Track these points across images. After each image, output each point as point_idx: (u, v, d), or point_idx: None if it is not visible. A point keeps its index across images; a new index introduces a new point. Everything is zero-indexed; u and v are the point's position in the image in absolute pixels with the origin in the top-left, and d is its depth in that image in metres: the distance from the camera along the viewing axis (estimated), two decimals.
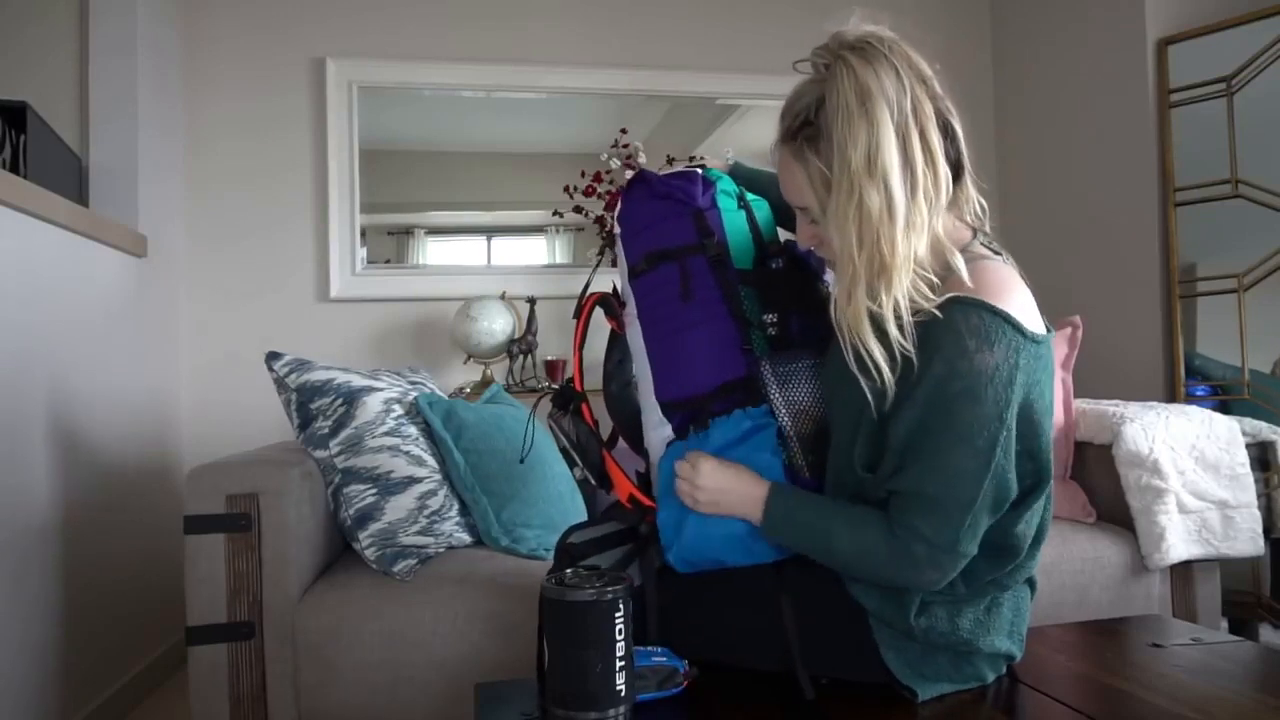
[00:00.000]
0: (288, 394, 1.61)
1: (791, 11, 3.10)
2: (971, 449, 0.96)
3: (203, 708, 1.40)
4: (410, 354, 2.85)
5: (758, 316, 1.15)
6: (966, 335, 0.96)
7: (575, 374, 1.27)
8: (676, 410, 1.17)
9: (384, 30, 2.86)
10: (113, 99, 2.34)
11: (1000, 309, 0.97)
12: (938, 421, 0.97)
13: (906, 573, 1.00)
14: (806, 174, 1.02)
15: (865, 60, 0.98)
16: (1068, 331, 1.99)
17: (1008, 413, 0.97)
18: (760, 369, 1.12)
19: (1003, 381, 0.96)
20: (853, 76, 0.97)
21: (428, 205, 2.93)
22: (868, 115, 0.96)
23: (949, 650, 1.07)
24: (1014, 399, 0.97)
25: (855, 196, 0.96)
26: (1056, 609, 1.67)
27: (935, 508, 0.97)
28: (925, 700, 1.06)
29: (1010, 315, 0.97)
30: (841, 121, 0.96)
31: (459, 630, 1.44)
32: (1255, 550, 1.79)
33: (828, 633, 1.10)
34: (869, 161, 0.96)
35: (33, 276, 1.74)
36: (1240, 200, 2.43)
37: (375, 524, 1.54)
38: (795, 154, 1.04)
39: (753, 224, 1.22)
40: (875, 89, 0.96)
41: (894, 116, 0.96)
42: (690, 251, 1.16)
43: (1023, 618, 1.12)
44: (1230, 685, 1.09)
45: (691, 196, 1.19)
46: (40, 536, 1.71)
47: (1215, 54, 2.49)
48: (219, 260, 2.74)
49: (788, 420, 1.11)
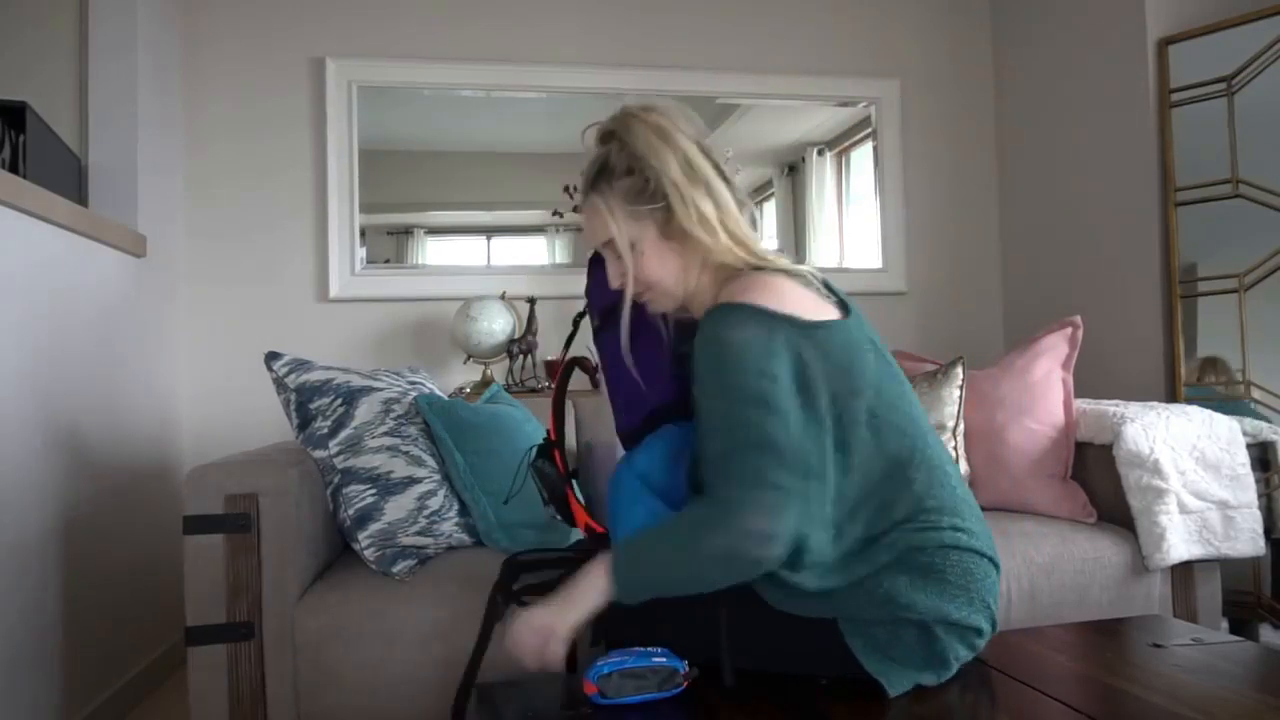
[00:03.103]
0: (287, 394, 1.61)
1: (792, 12, 3.10)
2: (740, 403, 1.05)
3: (202, 708, 1.40)
4: (410, 354, 2.84)
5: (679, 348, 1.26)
6: (719, 325, 1.08)
7: (551, 427, 1.44)
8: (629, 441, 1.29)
9: (384, 30, 2.86)
10: (112, 99, 2.34)
11: (749, 303, 1.08)
12: (702, 394, 1.09)
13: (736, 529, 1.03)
14: (609, 209, 1.18)
15: (651, 113, 1.18)
16: (1068, 331, 1.99)
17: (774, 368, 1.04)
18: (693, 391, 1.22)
19: (759, 349, 1.05)
20: (646, 124, 1.16)
21: (428, 205, 2.93)
22: (670, 143, 1.15)
23: (908, 626, 1.07)
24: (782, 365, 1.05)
25: (690, 204, 1.14)
26: (1056, 609, 1.67)
27: (727, 464, 1.05)
28: (919, 699, 1.06)
29: (759, 305, 1.08)
30: (651, 154, 1.14)
31: (459, 630, 1.43)
32: (1255, 550, 1.79)
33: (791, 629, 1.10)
34: (685, 172, 1.14)
35: (32, 276, 1.74)
36: (1240, 200, 2.43)
37: (375, 524, 1.54)
38: (598, 195, 1.20)
39: None
40: (669, 126, 1.16)
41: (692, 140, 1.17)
42: None
43: (981, 587, 1.10)
44: (1230, 685, 1.09)
45: None
46: (40, 537, 1.71)
47: (1215, 54, 2.49)
48: (219, 260, 2.74)
49: None
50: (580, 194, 1.23)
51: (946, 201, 3.23)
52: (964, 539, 1.10)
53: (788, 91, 3.07)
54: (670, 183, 1.13)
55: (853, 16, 3.16)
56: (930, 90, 3.24)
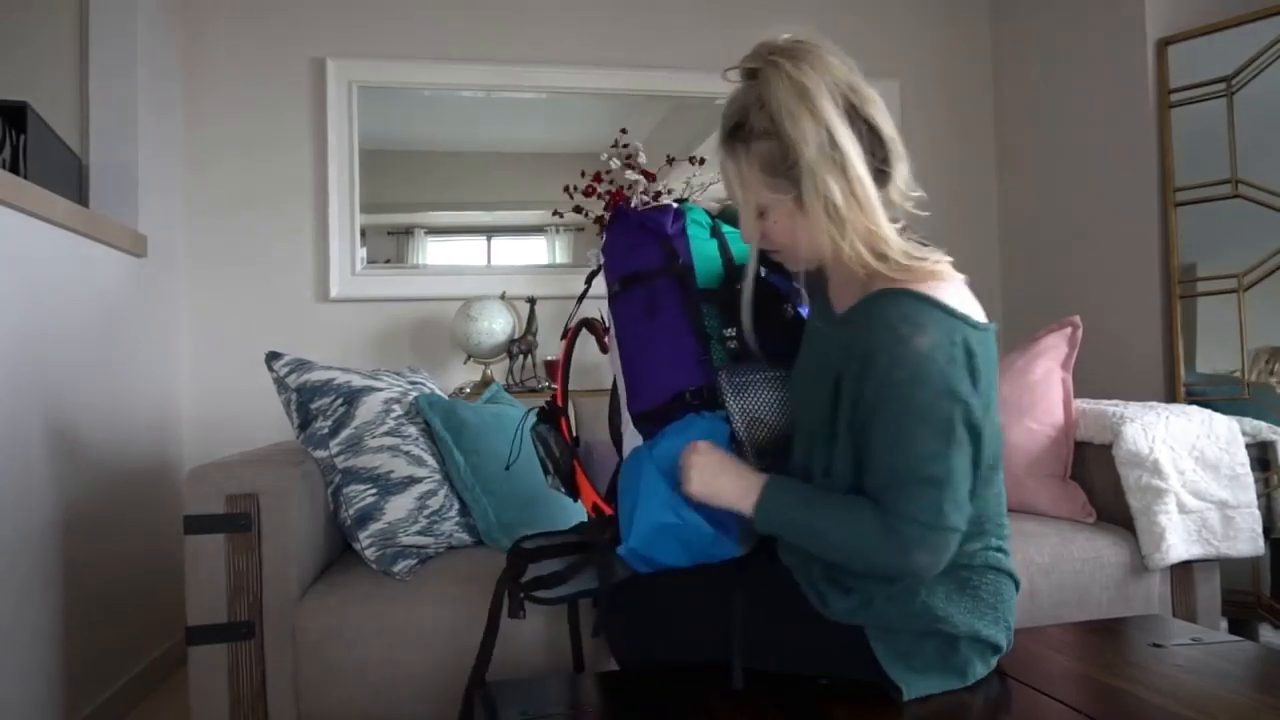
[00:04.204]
0: (288, 394, 1.61)
1: (792, 12, 3.10)
2: (930, 429, 0.99)
3: (203, 708, 1.40)
4: (410, 354, 2.85)
5: (718, 331, 1.22)
6: (898, 323, 1.00)
7: (558, 391, 1.38)
8: (644, 422, 1.24)
9: (384, 30, 2.86)
10: (112, 99, 2.34)
11: (926, 294, 1.02)
12: (893, 410, 1.01)
13: (898, 557, 1.01)
14: (741, 171, 1.08)
15: (796, 62, 1.04)
16: (1068, 331, 1.99)
17: (960, 387, 0.99)
18: (718, 378, 1.18)
19: (945, 359, 0.99)
20: (787, 77, 1.03)
21: (428, 205, 2.93)
22: (811, 111, 1.01)
23: (935, 637, 1.07)
24: (962, 374, 1.00)
25: (820, 190, 1.02)
26: (1056, 609, 1.67)
27: (915, 492, 1.00)
28: (923, 700, 1.06)
29: (938, 299, 1.01)
30: (789, 123, 1.02)
31: (459, 630, 1.44)
32: (1255, 550, 1.79)
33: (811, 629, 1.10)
34: (823, 152, 1.01)
35: (33, 276, 1.74)
36: (1240, 200, 2.43)
37: (375, 524, 1.54)
38: (731, 154, 1.10)
39: (724, 251, 1.30)
40: (811, 86, 1.02)
41: (835, 106, 1.03)
42: (657, 274, 1.25)
43: (1006, 607, 1.11)
44: (1230, 685, 1.09)
45: (661, 225, 1.28)
46: (40, 537, 1.71)
47: (1215, 54, 2.49)
48: (219, 260, 2.75)
49: (742, 427, 1.17)
50: (718, 141, 1.12)
51: (946, 201, 3.23)
52: (1002, 560, 1.12)
53: None
54: (805, 164, 1.02)
55: (853, 17, 3.17)
56: (930, 90, 3.25)
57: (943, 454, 0.99)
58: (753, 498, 1.09)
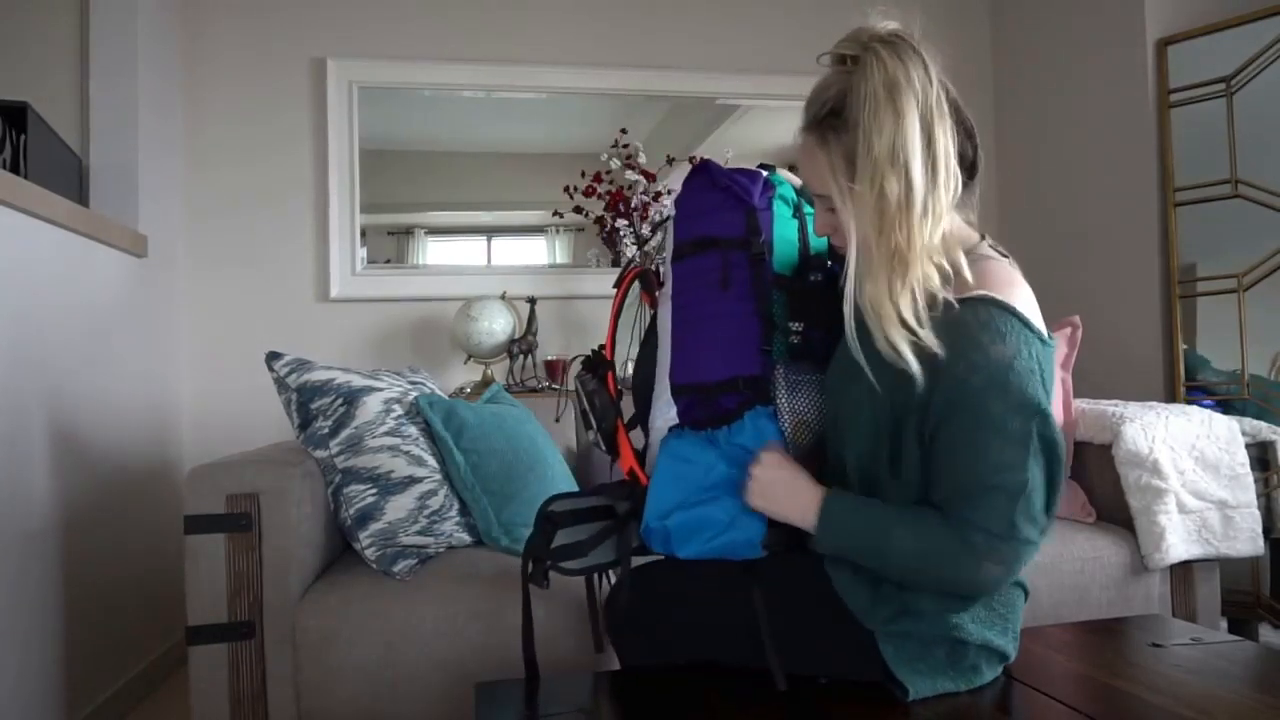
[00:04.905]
0: (288, 394, 1.61)
1: (791, 12, 3.11)
2: (1006, 438, 0.97)
3: (203, 708, 1.40)
4: (410, 354, 2.85)
5: (784, 321, 1.16)
6: (979, 331, 0.98)
7: (608, 343, 1.30)
8: (684, 394, 1.18)
9: (384, 30, 2.86)
10: (113, 99, 2.34)
11: (1008, 304, 0.99)
12: (968, 419, 0.98)
13: (969, 569, 0.99)
14: (829, 161, 1.05)
15: (894, 53, 1.00)
16: (1068, 331, 1.99)
17: (1037, 397, 0.97)
18: (775, 372, 1.13)
19: (1024, 369, 0.97)
20: (882, 68, 0.99)
21: (428, 205, 2.93)
22: (895, 106, 0.98)
23: (945, 642, 1.07)
24: (1038, 386, 0.98)
25: (876, 185, 0.99)
26: (1056, 609, 1.67)
27: (985, 500, 0.97)
28: (924, 701, 1.06)
29: (1018, 310, 0.99)
30: (869, 111, 0.98)
31: (459, 630, 1.44)
32: (1255, 550, 1.79)
33: (821, 629, 1.10)
34: (892, 151, 0.98)
35: (32, 276, 1.74)
36: (1240, 200, 2.43)
37: (375, 524, 1.54)
38: (819, 142, 1.06)
39: (803, 236, 1.23)
40: (903, 81, 0.99)
41: (919, 107, 0.99)
42: (735, 245, 1.17)
43: (1016, 617, 1.12)
44: (1230, 685, 1.09)
45: (749, 193, 1.19)
46: (40, 537, 1.72)
47: (1215, 54, 2.49)
48: (219, 260, 2.75)
49: (789, 427, 1.13)
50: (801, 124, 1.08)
51: None
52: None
53: (788, 91, 3.07)
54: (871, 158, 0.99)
55: (852, 16, 3.16)
56: None
57: (1018, 464, 0.97)
58: (813, 516, 1.06)
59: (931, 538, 1.00)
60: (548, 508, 1.26)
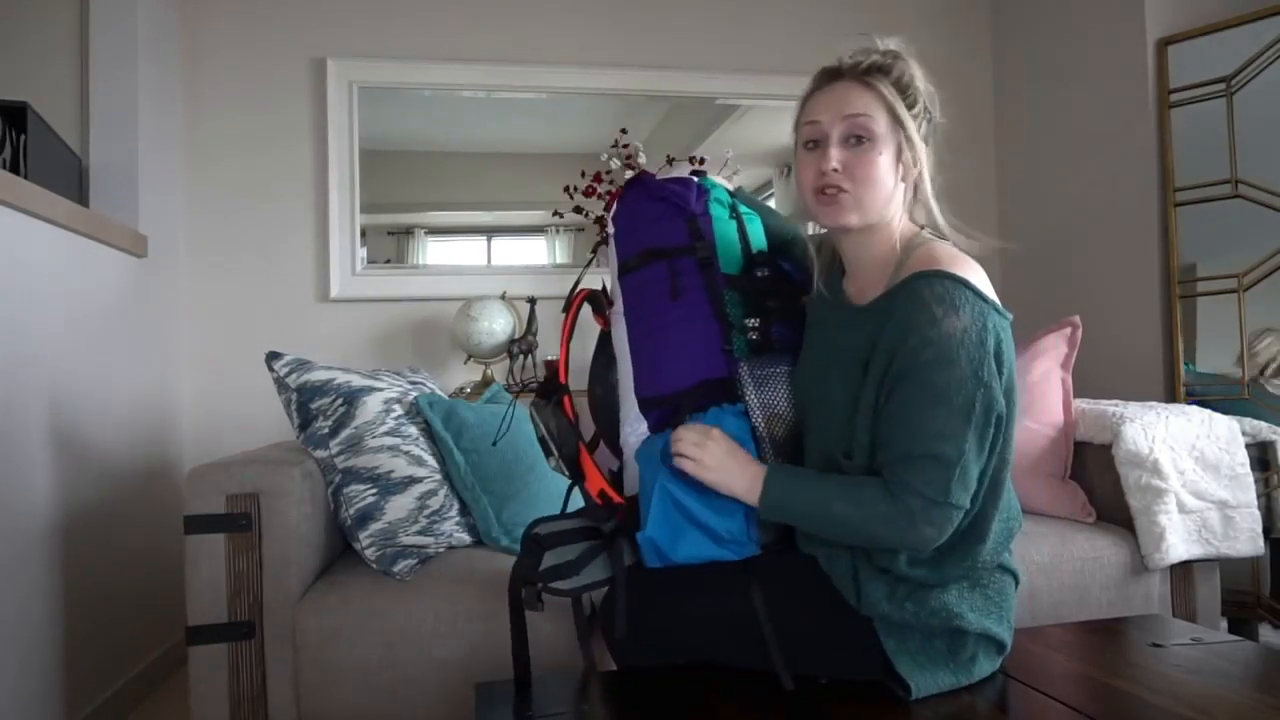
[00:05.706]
0: (288, 394, 1.61)
1: (791, 12, 3.10)
2: (949, 409, 1.01)
3: (203, 708, 1.40)
4: (410, 354, 2.85)
5: (740, 320, 1.19)
6: (933, 304, 1.03)
7: (561, 367, 1.32)
8: (654, 407, 1.20)
9: (384, 30, 2.86)
10: (113, 99, 2.34)
11: (960, 275, 1.04)
12: (915, 389, 1.03)
13: (904, 529, 1.03)
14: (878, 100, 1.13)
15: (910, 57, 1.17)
16: (1067, 331, 1.99)
17: (983, 370, 1.01)
18: (739, 370, 1.16)
19: (973, 342, 1.02)
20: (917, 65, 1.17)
21: (428, 205, 2.93)
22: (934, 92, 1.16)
23: (945, 633, 1.08)
24: (988, 358, 1.02)
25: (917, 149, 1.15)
26: (1056, 609, 1.67)
27: (924, 466, 1.02)
28: (924, 700, 1.06)
29: (970, 282, 1.04)
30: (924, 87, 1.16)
31: (459, 630, 1.44)
32: (1255, 550, 1.79)
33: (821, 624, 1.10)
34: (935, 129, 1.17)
35: (32, 276, 1.74)
36: (1240, 200, 2.43)
37: (375, 524, 1.54)
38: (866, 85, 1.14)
39: (742, 234, 1.26)
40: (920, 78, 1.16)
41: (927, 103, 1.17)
42: (681, 252, 1.21)
43: (1010, 605, 1.13)
44: (1230, 685, 1.09)
45: (685, 201, 1.23)
46: (40, 537, 1.72)
47: (1215, 54, 2.49)
48: (219, 260, 2.75)
49: (761, 421, 1.16)
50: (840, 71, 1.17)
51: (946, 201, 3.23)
52: (1008, 559, 1.15)
53: (787, 91, 3.06)
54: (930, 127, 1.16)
55: (852, 16, 3.16)
56: None
57: (958, 434, 1.01)
58: (759, 487, 1.10)
59: (871, 498, 1.04)
60: (533, 530, 1.27)
